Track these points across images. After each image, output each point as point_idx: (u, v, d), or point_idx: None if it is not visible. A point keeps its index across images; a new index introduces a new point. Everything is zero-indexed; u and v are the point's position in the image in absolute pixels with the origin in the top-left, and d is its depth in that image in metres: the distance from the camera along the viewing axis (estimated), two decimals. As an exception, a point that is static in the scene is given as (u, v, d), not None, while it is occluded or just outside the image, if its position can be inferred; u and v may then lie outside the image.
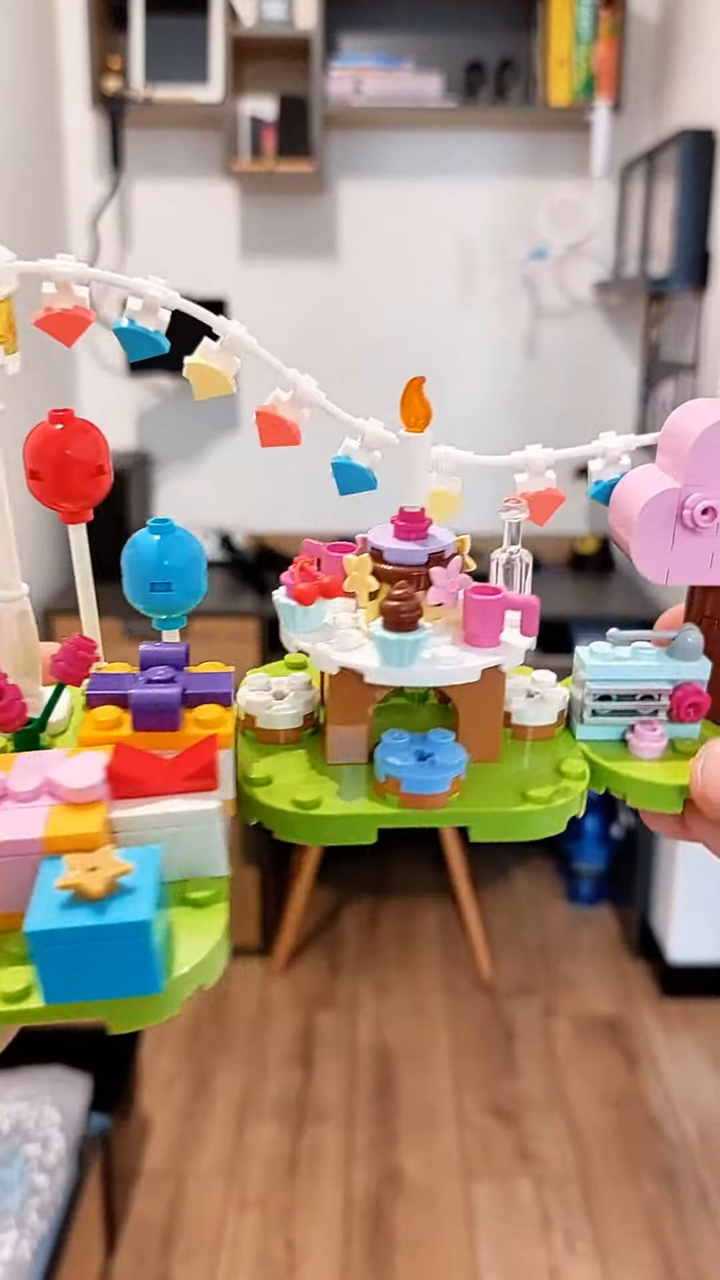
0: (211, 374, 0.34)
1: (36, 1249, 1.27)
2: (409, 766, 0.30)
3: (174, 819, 0.27)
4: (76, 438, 0.33)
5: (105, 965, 0.24)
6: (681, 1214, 1.67)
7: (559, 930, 2.39)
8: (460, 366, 2.52)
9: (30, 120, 2.18)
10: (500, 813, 0.31)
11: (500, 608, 0.32)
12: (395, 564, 0.33)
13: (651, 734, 0.34)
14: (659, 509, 0.32)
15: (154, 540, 0.34)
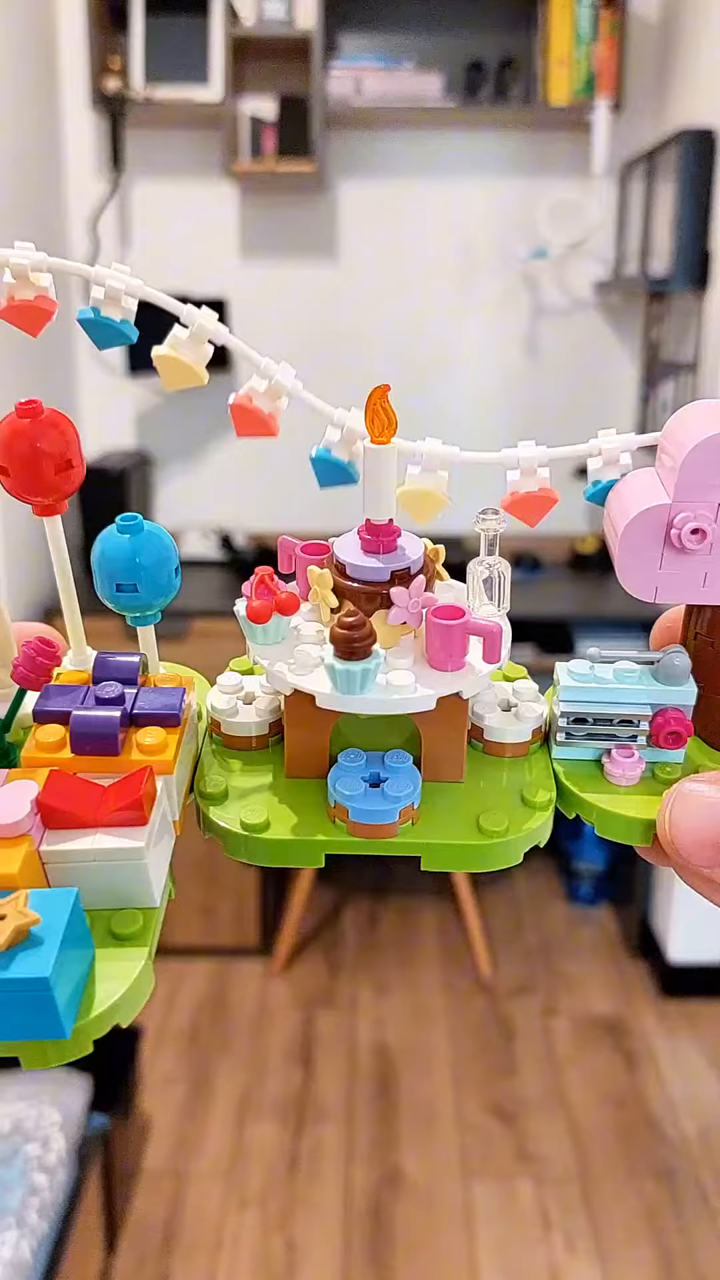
0: (179, 365, 0.33)
1: (36, 1249, 1.27)
2: (357, 796, 0.30)
3: (100, 855, 0.27)
4: (46, 431, 0.32)
5: (10, 1011, 0.24)
6: (681, 1214, 1.67)
7: (559, 930, 2.39)
8: (460, 366, 2.52)
9: (30, 120, 2.18)
10: (452, 845, 0.30)
11: (462, 633, 0.31)
12: (357, 580, 0.32)
13: (627, 760, 0.32)
14: (646, 525, 0.30)
15: (121, 539, 0.32)
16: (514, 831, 0.30)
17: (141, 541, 0.32)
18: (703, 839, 0.28)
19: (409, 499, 0.34)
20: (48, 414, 0.32)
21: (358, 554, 0.32)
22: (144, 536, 0.32)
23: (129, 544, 0.32)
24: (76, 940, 0.25)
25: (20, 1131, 1.40)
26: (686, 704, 0.32)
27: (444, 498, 0.34)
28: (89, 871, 0.27)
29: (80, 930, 0.26)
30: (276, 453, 2.45)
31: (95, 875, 0.27)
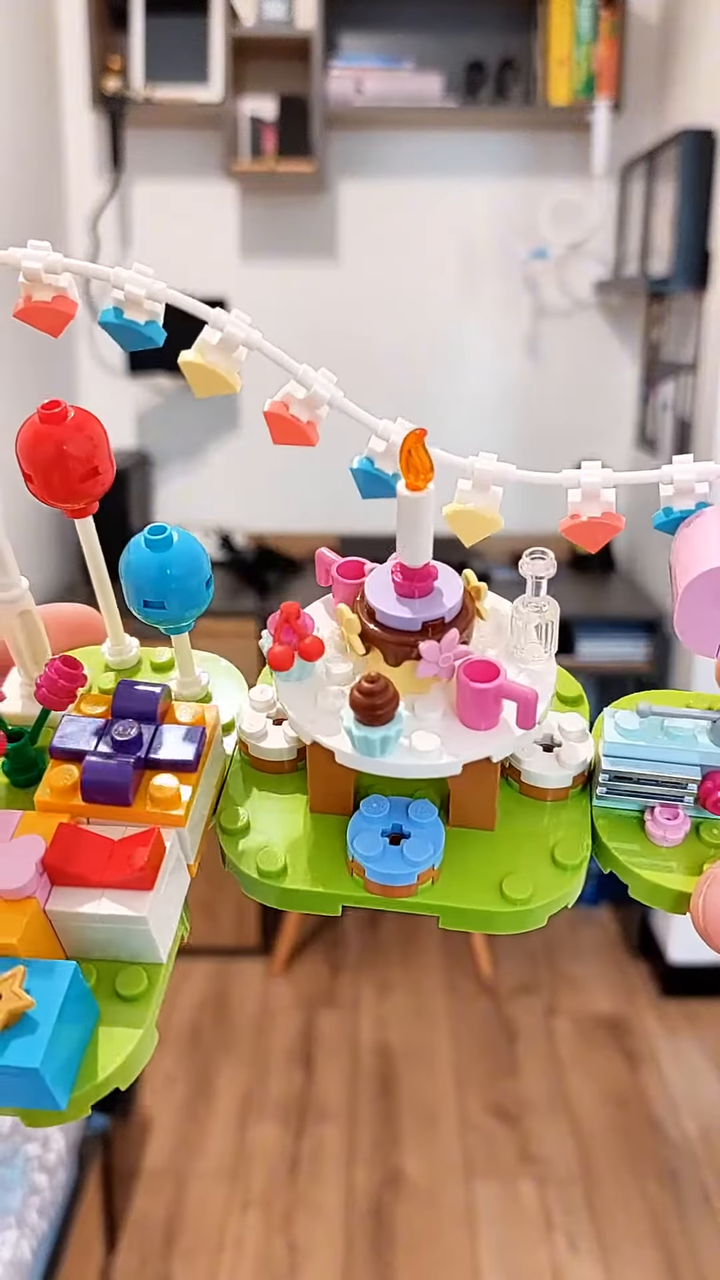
0: (208, 372, 0.31)
1: (37, 1248, 1.27)
2: (375, 857, 0.28)
3: (105, 919, 0.27)
4: (72, 435, 0.30)
5: (6, 1087, 0.24)
6: (684, 1214, 1.67)
7: (560, 930, 2.39)
8: (461, 366, 2.52)
9: (30, 120, 2.18)
10: (472, 910, 0.29)
11: (495, 697, 0.29)
12: (386, 628, 0.30)
13: (670, 822, 0.30)
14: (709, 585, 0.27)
15: (147, 554, 0.31)
16: (539, 899, 0.29)
17: (170, 556, 0.31)
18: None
19: (458, 519, 0.32)
20: (74, 416, 0.30)
21: (389, 599, 0.30)
22: (172, 551, 0.31)
23: (156, 559, 0.31)
24: (75, 1014, 0.25)
25: (20, 1131, 1.40)
26: None
27: (496, 518, 0.31)
28: (94, 932, 0.27)
29: (79, 1002, 0.25)
30: (277, 453, 2.45)
31: (100, 935, 0.27)
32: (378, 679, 0.27)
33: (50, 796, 0.28)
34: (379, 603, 0.30)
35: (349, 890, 0.29)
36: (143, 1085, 1.85)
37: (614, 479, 0.31)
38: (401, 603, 0.30)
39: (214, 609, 2.51)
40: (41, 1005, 0.24)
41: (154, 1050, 0.26)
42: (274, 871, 0.30)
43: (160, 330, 0.31)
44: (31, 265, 0.29)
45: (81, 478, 0.31)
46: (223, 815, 0.32)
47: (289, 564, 2.35)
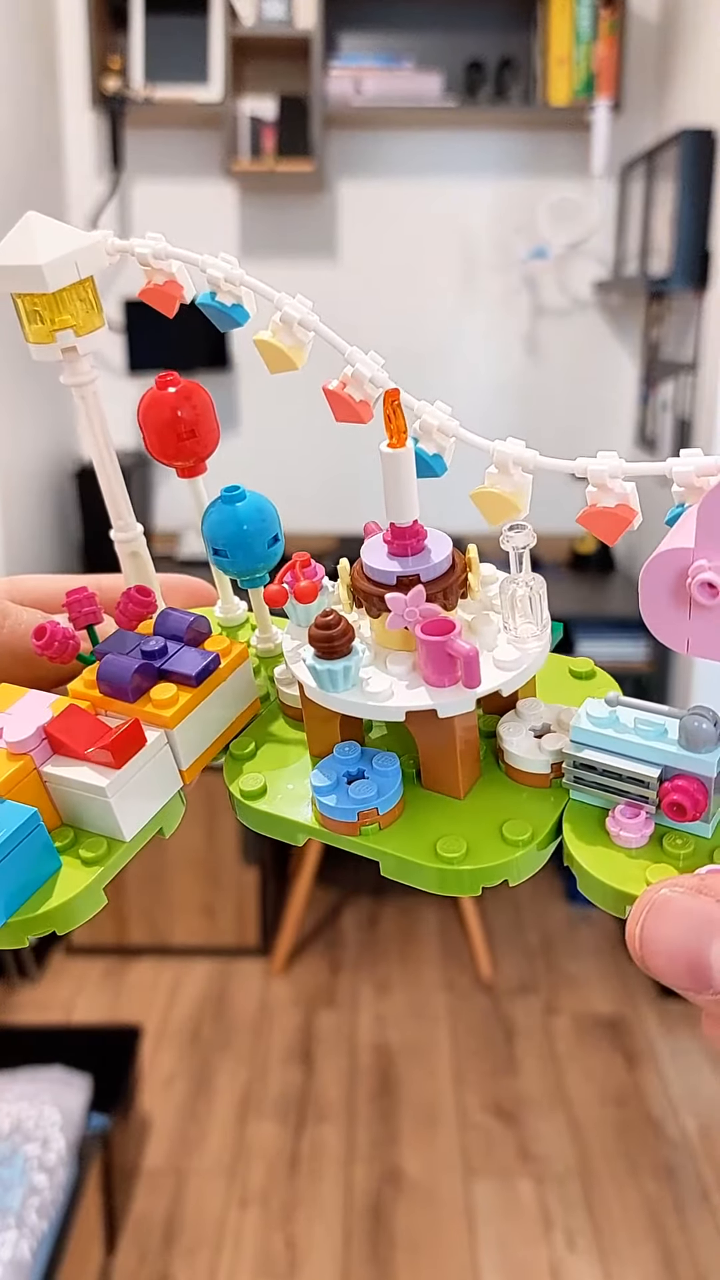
0: (277, 351, 0.36)
1: (36, 1248, 1.27)
2: (324, 789, 0.30)
3: (76, 785, 0.30)
4: (181, 402, 0.36)
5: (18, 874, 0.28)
6: (682, 1212, 1.67)
7: (559, 929, 2.39)
8: (460, 366, 2.52)
9: (30, 120, 2.18)
10: (406, 860, 0.30)
11: (440, 649, 0.29)
12: (370, 580, 0.32)
13: (632, 821, 0.28)
14: (664, 570, 0.27)
15: (219, 506, 0.36)
16: (470, 862, 0.29)
17: (238, 511, 0.36)
18: (674, 959, 0.24)
19: (484, 499, 0.32)
20: (183, 385, 0.36)
21: (379, 555, 0.32)
22: (242, 507, 0.36)
23: (225, 511, 0.36)
24: (27, 854, 0.29)
25: (20, 1131, 1.40)
26: (705, 774, 0.28)
27: (518, 503, 0.32)
28: (73, 798, 0.31)
29: (35, 846, 0.29)
30: (277, 453, 2.45)
31: (77, 802, 0.31)
32: (331, 614, 0.30)
33: (80, 686, 0.33)
34: (368, 559, 0.32)
35: (308, 822, 0.32)
36: (142, 1085, 1.86)
37: (626, 469, 0.31)
38: (391, 559, 0.32)
39: (214, 608, 2.48)
40: None
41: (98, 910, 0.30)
42: (253, 792, 0.33)
43: (245, 312, 0.35)
44: (143, 250, 0.34)
45: (180, 437, 0.36)
46: (234, 744, 0.35)
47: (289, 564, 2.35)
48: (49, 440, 2.26)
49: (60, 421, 2.34)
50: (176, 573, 0.42)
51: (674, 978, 0.24)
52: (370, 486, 0.37)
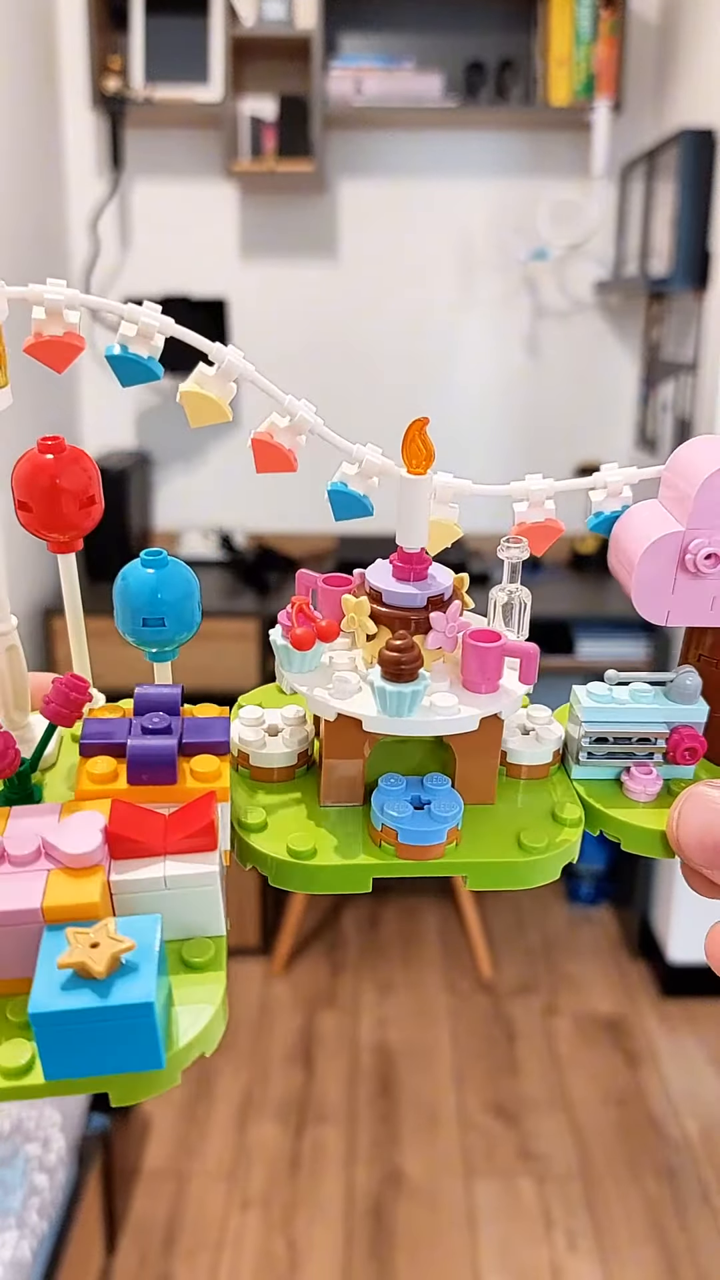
0: (207, 402, 0.33)
1: (37, 1249, 1.27)
2: (406, 818, 0.30)
3: (173, 882, 0.27)
4: (67, 467, 0.32)
5: (108, 1043, 0.24)
6: (683, 1213, 1.67)
7: (560, 930, 2.39)
8: (461, 367, 2.52)
9: (30, 120, 2.18)
10: (497, 863, 0.31)
11: (499, 655, 0.32)
12: (393, 607, 0.32)
13: (647, 777, 0.33)
14: (661, 552, 0.32)
15: (146, 574, 0.33)
16: (553, 848, 0.31)
17: (167, 575, 0.33)
18: (704, 840, 0.29)
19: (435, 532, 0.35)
20: (69, 450, 0.33)
21: (392, 581, 0.33)
22: (169, 570, 0.33)
23: (155, 578, 0.32)
24: (163, 968, 0.25)
25: (20, 1131, 1.40)
26: (698, 721, 0.34)
27: (457, 528, 0.35)
28: (158, 901, 0.27)
29: (164, 959, 0.26)
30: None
31: (164, 904, 0.27)
32: (405, 637, 0.30)
33: (91, 784, 0.29)
34: (384, 585, 0.33)
35: (380, 860, 0.30)
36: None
37: (554, 487, 0.35)
38: (404, 583, 0.33)
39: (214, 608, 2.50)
40: (139, 950, 0.24)
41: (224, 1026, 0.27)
42: (305, 852, 0.31)
43: (159, 365, 0.32)
44: (54, 299, 0.31)
45: (78, 505, 0.32)
46: (239, 813, 0.33)
47: (289, 564, 2.35)
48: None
49: (59, 422, 2.33)
50: None
51: (701, 855, 0.29)
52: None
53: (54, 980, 0.23)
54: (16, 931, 0.25)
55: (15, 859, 0.26)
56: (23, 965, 0.25)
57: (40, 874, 0.26)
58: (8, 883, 0.25)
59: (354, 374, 2.49)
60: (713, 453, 0.32)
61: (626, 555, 0.33)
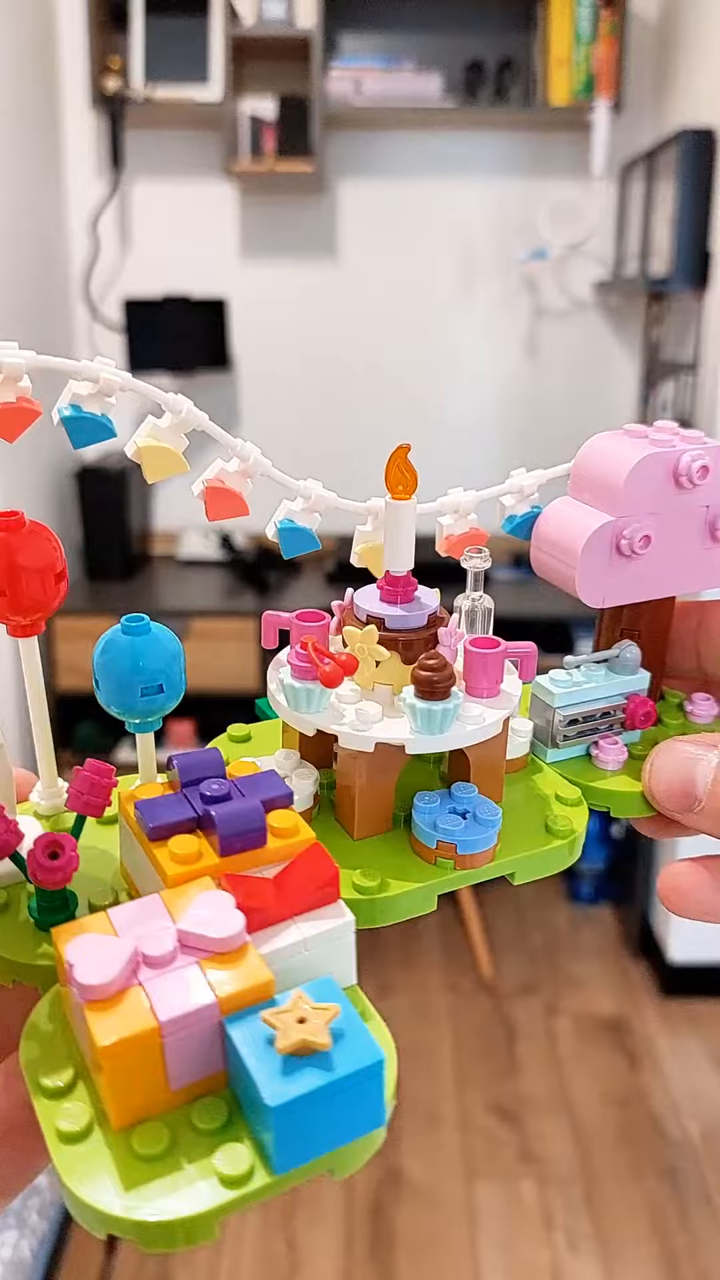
0: (166, 455, 0.32)
1: (37, 1248, 1.27)
2: (460, 829, 0.31)
3: (313, 942, 0.26)
4: (27, 544, 0.30)
5: (336, 1116, 0.23)
6: (685, 1213, 1.67)
7: (560, 930, 2.39)
8: (460, 367, 2.52)
9: (30, 120, 2.18)
10: (538, 854, 0.32)
11: (501, 659, 0.33)
12: (399, 630, 0.33)
13: (614, 747, 0.36)
14: (600, 541, 0.34)
15: (138, 641, 0.30)
16: (579, 829, 0.33)
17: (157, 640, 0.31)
18: (673, 786, 0.32)
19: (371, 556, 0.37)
20: (29, 525, 0.30)
21: (389, 606, 0.34)
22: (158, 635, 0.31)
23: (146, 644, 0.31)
24: None
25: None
26: (644, 689, 0.37)
27: None
28: (295, 966, 0.26)
29: None
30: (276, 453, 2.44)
31: (302, 968, 0.26)
32: (436, 655, 0.31)
33: (181, 867, 0.27)
34: (383, 611, 0.33)
35: (441, 876, 0.31)
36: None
37: (477, 498, 0.38)
38: (400, 606, 0.34)
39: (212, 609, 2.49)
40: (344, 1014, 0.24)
41: None
42: (373, 886, 0.30)
43: (112, 422, 0.31)
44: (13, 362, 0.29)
45: (43, 585, 0.30)
46: None
47: (289, 564, 2.35)
48: (49, 440, 2.25)
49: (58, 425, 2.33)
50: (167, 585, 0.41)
51: (670, 800, 0.33)
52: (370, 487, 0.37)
53: (270, 1069, 0.22)
54: (191, 1035, 0.23)
55: (155, 960, 0.24)
56: (200, 1067, 0.23)
57: (189, 968, 0.24)
58: (165, 985, 0.23)
59: (354, 374, 2.49)
60: (623, 445, 0.35)
61: (562, 548, 0.35)
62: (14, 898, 0.29)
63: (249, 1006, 0.24)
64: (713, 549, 0.36)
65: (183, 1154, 0.22)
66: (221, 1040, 0.23)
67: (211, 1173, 0.22)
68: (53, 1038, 0.25)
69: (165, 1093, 0.23)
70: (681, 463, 0.34)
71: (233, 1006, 0.24)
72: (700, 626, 0.38)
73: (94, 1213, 0.21)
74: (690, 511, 0.36)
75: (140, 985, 0.23)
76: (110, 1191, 0.22)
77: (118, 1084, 0.22)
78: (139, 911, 0.26)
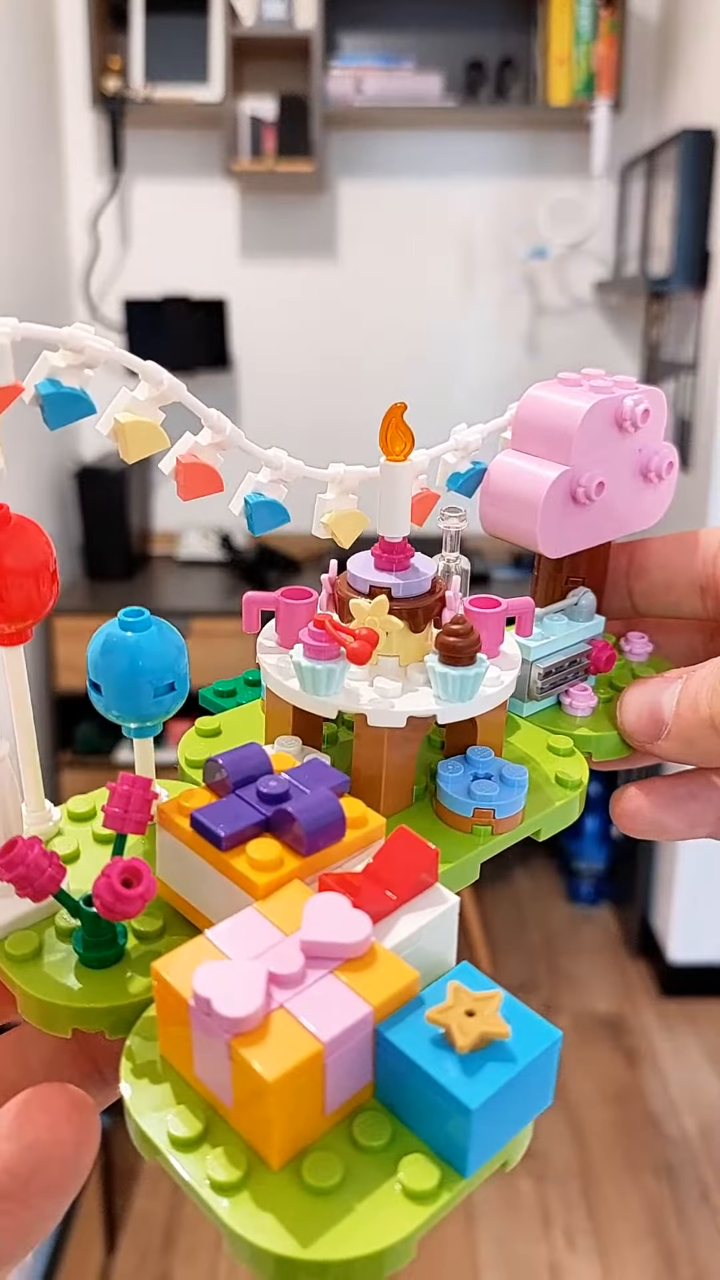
0: (146, 429, 0.30)
1: (37, 1248, 1.27)
2: (496, 795, 0.30)
3: (427, 930, 0.25)
4: (15, 541, 0.27)
5: (519, 1103, 0.22)
6: (682, 1211, 1.67)
7: (560, 929, 2.39)
8: (461, 366, 2.52)
9: (30, 120, 2.18)
10: (559, 807, 0.32)
11: (502, 618, 0.33)
12: (404, 598, 0.32)
13: (584, 694, 0.36)
14: (559, 491, 0.34)
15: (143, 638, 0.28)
16: (582, 778, 0.33)
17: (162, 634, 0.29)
18: (642, 715, 0.34)
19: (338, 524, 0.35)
20: (15, 520, 0.27)
21: (392, 575, 0.32)
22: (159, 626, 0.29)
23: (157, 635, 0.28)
24: None
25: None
26: (600, 633, 0.38)
27: (364, 516, 0.35)
28: (411, 960, 0.24)
29: None
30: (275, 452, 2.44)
31: (416, 960, 0.24)
32: (462, 620, 0.30)
33: (270, 875, 0.25)
34: (388, 580, 0.32)
35: (478, 845, 0.30)
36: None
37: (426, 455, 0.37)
38: (396, 575, 0.32)
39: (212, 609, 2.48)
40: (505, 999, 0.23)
41: None
42: None
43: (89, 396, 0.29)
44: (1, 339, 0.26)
45: (35, 587, 0.27)
46: None
47: (289, 564, 2.35)
48: (49, 440, 2.26)
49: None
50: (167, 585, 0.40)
51: (641, 731, 0.34)
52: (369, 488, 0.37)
53: (454, 1071, 0.21)
54: (349, 1051, 0.22)
55: (286, 978, 0.22)
56: (353, 1084, 0.22)
57: (325, 980, 0.23)
58: (308, 1003, 0.22)
59: (354, 374, 2.49)
60: (567, 394, 0.35)
61: (518, 502, 0.35)
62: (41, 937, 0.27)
63: (398, 1010, 0.23)
64: (644, 490, 0.37)
65: (360, 1179, 0.21)
66: (372, 1051, 0.22)
67: (399, 1191, 0.21)
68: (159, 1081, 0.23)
69: (320, 1118, 0.22)
70: (625, 407, 0.35)
71: (386, 1012, 0.22)
72: (631, 565, 0.39)
73: (289, 1263, 0.19)
74: (628, 455, 0.36)
75: (283, 1008, 0.22)
76: (299, 1235, 0.20)
77: (282, 1118, 0.20)
78: (240, 929, 0.23)
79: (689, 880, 2.09)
